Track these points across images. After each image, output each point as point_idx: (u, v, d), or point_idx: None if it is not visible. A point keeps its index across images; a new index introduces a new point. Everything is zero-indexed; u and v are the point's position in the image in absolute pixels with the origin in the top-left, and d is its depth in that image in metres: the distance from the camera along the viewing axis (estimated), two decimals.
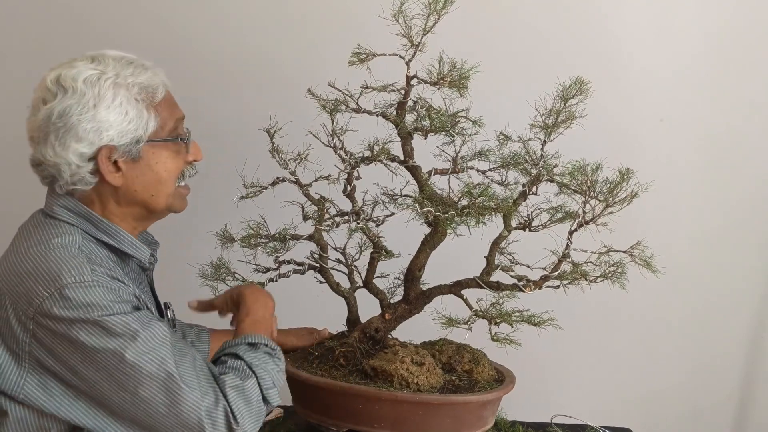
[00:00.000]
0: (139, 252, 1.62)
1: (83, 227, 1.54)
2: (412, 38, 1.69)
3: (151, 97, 1.55)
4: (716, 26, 2.58)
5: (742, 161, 2.65)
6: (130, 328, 1.40)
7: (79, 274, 1.42)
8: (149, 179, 1.57)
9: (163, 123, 1.57)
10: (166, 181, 1.59)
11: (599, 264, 1.74)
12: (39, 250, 1.46)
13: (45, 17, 2.60)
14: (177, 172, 1.61)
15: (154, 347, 1.41)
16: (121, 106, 1.52)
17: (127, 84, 1.53)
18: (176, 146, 1.60)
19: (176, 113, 1.61)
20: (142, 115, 1.54)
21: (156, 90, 1.56)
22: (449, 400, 1.67)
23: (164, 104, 1.58)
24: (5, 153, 2.64)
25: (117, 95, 1.52)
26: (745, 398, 2.80)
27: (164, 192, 1.59)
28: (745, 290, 2.73)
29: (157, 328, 1.43)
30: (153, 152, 1.57)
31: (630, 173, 1.66)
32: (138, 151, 1.55)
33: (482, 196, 1.68)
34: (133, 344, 1.39)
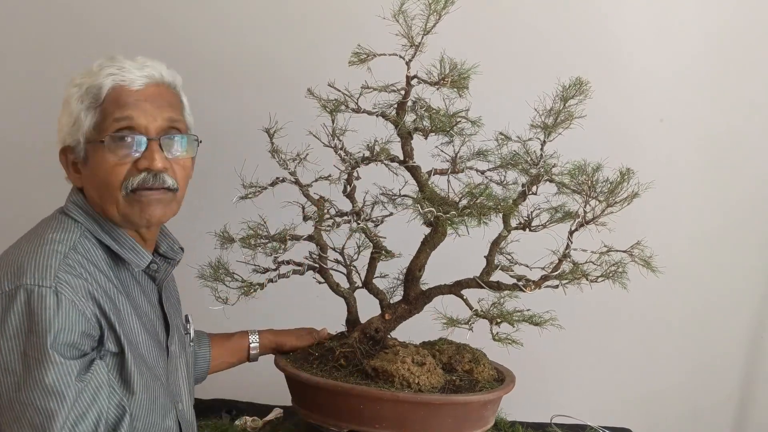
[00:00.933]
0: (138, 258, 1.59)
1: (89, 226, 1.55)
2: (412, 38, 1.69)
3: (95, 97, 1.53)
4: (716, 26, 2.58)
5: (742, 161, 2.65)
6: (45, 370, 1.35)
7: (41, 277, 1.39)
8: (94, 182, 1.55)
9: (100, 123, 1.52)
10: (105, 185, 1.52)
11: (599, 264, 1.74)
12: (27, 243, 1.48)
13: (45, 17, 2.60)
14: (119, 177, 1.51)
15: (49, 401, 1.35)
16: (69, 107, 1.55)
17: (78, 84, 1.54)
18: (116, 148, 1.51)
19: (121, 113, 1.52)
20: (81, 115, 1.53)
21: (100, 89, 1.52)
22: (450, 400, 1.67)
23: (112, 104, 1.52)
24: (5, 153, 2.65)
25: (70, 97, 1.55)
26: (745, 398, 2.80)
27: (109, 198, 1.53)
28: (745, 290, 2.73)
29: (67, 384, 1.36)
30: (93, 153, 1.54)
31: (630, 173, 1.66)
32: (83, 152, 1.54)
33: (483, 196, 1.68)
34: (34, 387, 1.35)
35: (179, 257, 1.74)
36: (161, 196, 1.55)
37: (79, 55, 2.52)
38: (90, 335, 1.43)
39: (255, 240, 1.85)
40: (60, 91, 1.58)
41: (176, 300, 1.83)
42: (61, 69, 2.54)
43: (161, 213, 1.56)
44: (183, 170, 1.60)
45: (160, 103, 1.56)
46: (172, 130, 1.57)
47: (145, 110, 1.53)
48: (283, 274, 1.88)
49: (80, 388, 1.38)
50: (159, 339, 1.64)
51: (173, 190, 1.57)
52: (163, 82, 1.59)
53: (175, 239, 1.76)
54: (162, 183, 1.54)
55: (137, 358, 1.52)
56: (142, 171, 1.52)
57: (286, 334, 1.98)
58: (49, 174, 2.55)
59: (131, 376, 1.49)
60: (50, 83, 2.55)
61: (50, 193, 1.61)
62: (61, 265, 1.43)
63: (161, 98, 1.57)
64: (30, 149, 2.60)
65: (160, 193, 1.55)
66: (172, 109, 1.58)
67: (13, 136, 2.63)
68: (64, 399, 1.36)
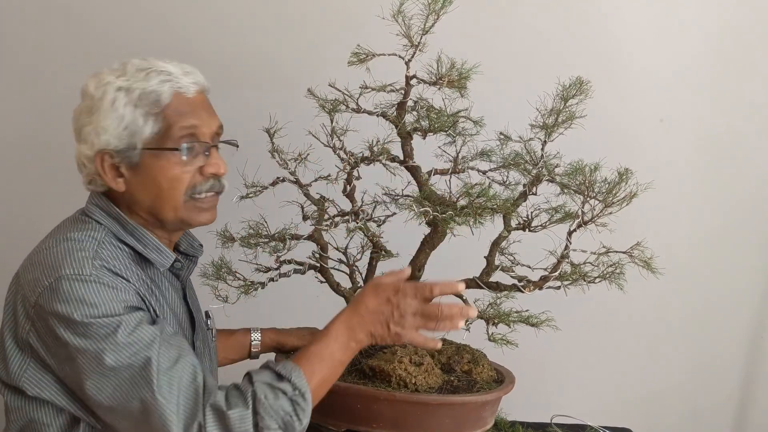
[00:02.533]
0: (162, 257, 1.60)
1: (112, 227, 1.56)
2: (411, 38, 1.69)
3: (152, 104, 1.52)
4: (716, 26, 2.58)
5: (742, 161, 2.65)
6: (114, 331, 1.37)
7: (80, 267, 1.42)
8: (150, 187, 1.55)
9: (165, 130, 1.53)
10: (168, 191, 1.54)
11: (597, 264, 1.74)
12: (54, 243, 1.49)
13: (45, 17, 2.60)
14: (184, 183, 1.55)
15: (136, 351, 1.37)
16: (116, 111, 1.53)
17: (128, 89, 1.53)
18: (186, 155, 1.54)
19: (187, 121, 1.54)
20: (137, 121, 1.52)
21: (160, 96, 1.52)
22: (447, 401, 1.67)
23: (173, 111, 1.54)
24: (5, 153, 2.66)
25: (117, 100, 1.53)
26: (745, 398, 2.80)
27: (169, 203, 1.55)
28: (745, 290, 2.73)
29: (145, 332, 1.39)
30: (153, 160, 1.54)
31: (629, 173, 1.66)
32: (136, 157, 1.54)
33: (481, 196, 1.68)
34: (114, 348, 1.37)
35: (200, 253, 1.77)
36: (216, 199, 1.62)
37: (79, 55, 2.54)
38: (138, 308, 1.45)
39: (255, 239, 1.85)
40: (59, 91, 1.59)
41: (196, 297, 1.85)
42: (61, 69, 2.57)
43: (213, 216, 1.62)
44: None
45: (210, 110, 1.61)
46: (219, 135, 1.63)
47: (203, 118, 1.57)
48: (284, 273, 1.88)
49: (159, 330, 1.41)
50: (186, 335, 1.66)
51: (221, 192, 1.63)
52: (206, 88, 1.63)
53: (194, 236, 1.77)
54: (222, 188, 1.61)
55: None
56: (209, 177, 1.57)
57: (287, 334, 1.98)
58: (49, 174, 2.56)
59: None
60: (50, 83, 2.58)
61: (50, 193, 1.62)
62: (95, 255, 1.45)
63: (208, 105, 1.62)
64: (30, 149, 2.61)
65: (216, 198, 1.61)
66: (215, 114, 1.63)
67: (14, 136, 2.64)
68: (150, 343, 1.38)
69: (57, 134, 1.94)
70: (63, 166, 1.80)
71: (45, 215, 1.64)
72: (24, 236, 1.70)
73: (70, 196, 1.70)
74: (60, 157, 1.90)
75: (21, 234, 1.58)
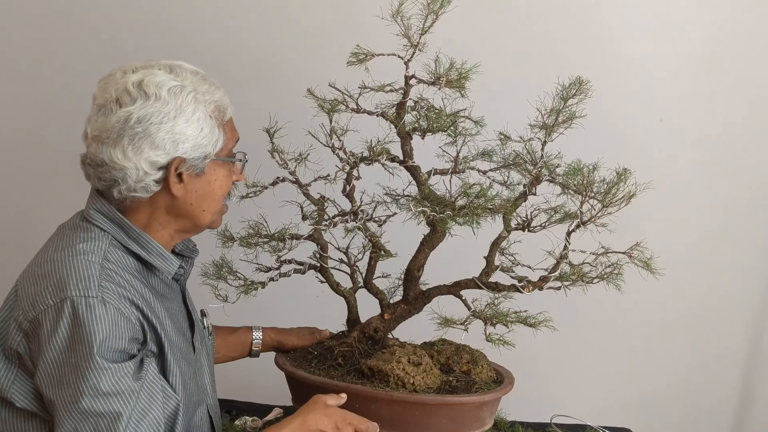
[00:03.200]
0: (167, 264, 1.60)
1: (115, 234, 1.54)
2: (410, 38, 1.69)
3: (221, 116, 1.59)
4: (715, 26, 2.57)
5: (742, 161, 2.64)
6: (100, 374, 1.37)
7: (86, 288, 1.41)
8: (205, 194, 1.59)
9: (226, 142, 1.60)
10: (218, 198, 1.62)
11: (596, 265, 1.74)
12: (60, 255, 1.47)
13: (45, 17, 2.60)
14: (227, 191, 1.65)
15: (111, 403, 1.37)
16: (198, 122, 1.54)
17: (205, 100, 1.56)
18: (231, 166, 1.64)
19: (236, 135, 1.65)
20: (214, 132, 1.56)
21: (226, 109, 1.60)
22: (445, 401, 1.66)
23: (229, 124, 1.62)
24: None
25: (197, 110, 1.54)
26: (745, 398, 2.80)
27: (213, 208, 1.62)
28: (745, 290, 2.73)
29: (126, 386, 1.38)
30: (215, 169, 1.59)
31: (627, 173, 1.66)
32: (203, 166, 1.57)
33: (479, 196, 1.68)
34: (93, 395, 1.36)
35: (195, 255, 1.77)
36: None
37: (79, 55, 2.55)
38: (136, 339, 1.45)
39: (255, 239, 1.86)
40: (59, 91, 1.59)
41: (190, 297, 1.85)
42: (62, 69, 2.57)
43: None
44: None
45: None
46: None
47: (236, 132, 1.67)
48: (285, 273, 1.89)
49: (139, 387, 1.40)
50: (186, 336, 1.67)
51: None
52: None
53: (189, 238, 1.77)
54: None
55: (176, 357, 1.55)
56: (234, 185, 1.69)
57: (288, 333, 1.99)
58: (49, 174, 2.57)
59: (171, 376, 1.52)
60: (50, 83, 2.58)
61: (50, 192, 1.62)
62: (101, 274, 1.44)
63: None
64: (32, 149, 2.61)
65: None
66: None
67: (14, 135, 2.64)
68: (127, 398, 1.38)
69: (56, 134, 1.95)
70: (63, 165, 1.81)
71: (45, 214, 1.64)
72: (23, 236, 1.70)
73: (69, 196, 1.71)
74: (60, 157, 1.90)
75: (21, 234, 1.58)
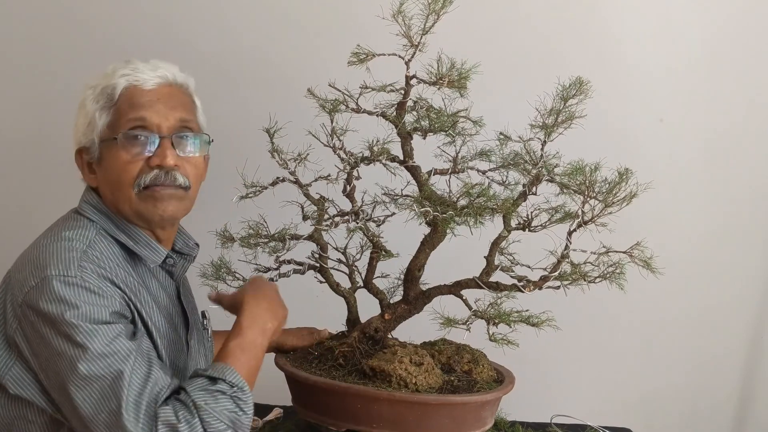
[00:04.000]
0: (153, 253, 1.60)
1: (103, 224, 1.56)
2: (411, 38, 1.69)
3: (109, 97, 1.56)
4: (716, 26, 2.57)
5: (742, 161, 2.65)
6: (91, 338, 1.37)
7: (65, 267, 1.42)
8: (108, 180, 1.57)
9: (114, 122, 1.55)
10: (117, 183, 1.55)
11: (597, 264, 1.74)
12: (45, 241, 1.49)
13: (45, 17, 2.60)
14: (130, 174, 1.54)
15: (110, 364, 1.36)
16: (83, 109, 1.58)
17: (93, 86, 1.57)
18: (129, 145, 1.53)
19: (135, 113, 1.54)
20: (95, 116, 1.55)
21: (114, 89, 1.55)
22: (447, 401, 1.66)
23: (125, 103, 1.55)
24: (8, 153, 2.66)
25: (86, 98, 1.58)
26: (745, 398, 2.80)
27: (122, 196, 1.55)
28: (745, 290, 2.73)
29: (121, 345, 1.39)
30: (107, 152, 1.56)
31: (629, 173, 1.66)
32: (98, 151, 1.57)
33: (481, 196, 1.68)
34: (89, 358, 1.36)
35: (195, 253, 1.76)
36: (174, 192, 1.57)
37: (79, 55, 2.54)
38: (122, 315, 1.45)
39: (255, 239, 1.85)
40: (60, 91, 1.59)
41: (192, 296, 1.85)
42: (62, 69, 2.57)
43: (174, 209, 1.58)
44: (195, 169, 1.62)
45: (172, 103, 1.58)
46: (185, 129, 1.59)
47: (157, 110, 1.56)
48: (284, 273, 1.88)
49: (136, 347, 1.40)
50: (179, 333, 1.66)
51: (185, 188, 1.59)
52: (176, 83, 1.62)
53: (189, 235, 1.77)
54: (173, 180, 1.56)
55: (163, 344, 1.55)
56: (153, 168, 1.54)
57: (287, 334, 1.98)
58: (49, 173, 2.56)
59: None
60: (50, 83, 2.58)
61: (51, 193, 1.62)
62: (81, 258, 1.45)
63: (174, 98, 1.59)
64: (33, 149, 2.61)
65: (173, 189, 1.57)
66: (184, 109, 1.60)
67: (14, 135, 2.64)
68: (125, 357, 1.38)
69: (57, 134, 1.94)
70: (63, 165, 1.80)
71: (45, 215, 1.64)
72: (24, 236, 1.70)
73: (69, 195, 1.70)
74: (60, 157, 1.90)
75: (21, 234, 1.58)
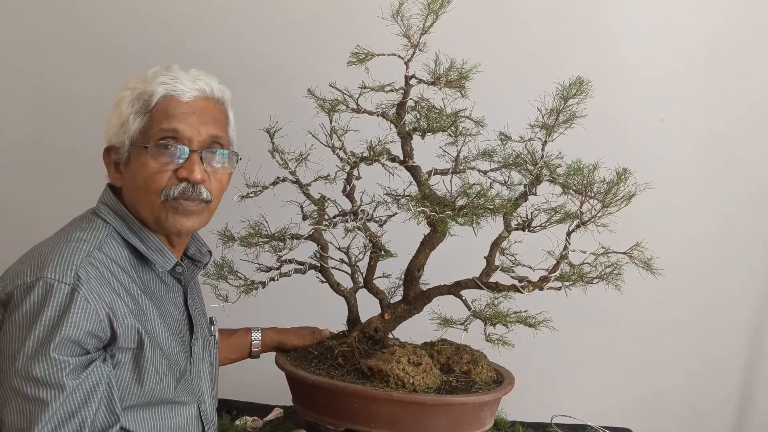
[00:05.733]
0: (164, 259, 1.60)
1: (117, 227, 1.57)
2: (410, 38, 1.69)
3: (145, 103, 1.56)
4: (716, 26, 2.57)
5: (742, 161, 2.64)
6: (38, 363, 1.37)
7: (62, 272, 1.42)
8: (134, 184, 1.57)
9: (147, 129, 1.55)
10: (143, 189, 1.55)
11: (596, 265, 1.74)
12: (55, 241, 1.51)
13: (46, 17, 2.60)
14: (158, 183, 1.54)
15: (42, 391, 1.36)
16: (118, 109, 1.58)
17: (131, 88, 1.58)
18: (158, 155, 1.54)
19: (169, 123, 1.55)
20: (130, 118, 1.56)
21: (152, 96, 1.55)
22: (445, 401, 1.67)
23: (161, 112, 1.56)
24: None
25: (122, 99, 1.58)
26: (745, 398, 2.80)
27: (145, 202, 1.56)
28: (745, 290, 2.73)
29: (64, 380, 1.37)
30: (136, 157, 1.56)
31: (627, 173, 1.66)
32: (127, 154, 1.57)
33: (479, 196, 1.68)
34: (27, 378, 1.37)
35: (206, 260, 1.76)
36: (196, 208, 1.58)
37: (79, 56, 2.54)
38: (97, 336, 1.44)
39: (255, 239, 1.86)
40: (60, 92, 1.59)
41: (201, 302, 1.85)
42: (62, 69, 2.57)
43: (192, 224, 1.60)
44: (219, 183, 1.63)
45: (206, 117, 1.59)
46: (215, 144, 1.61)
47: (191, 123, 1.56)
48: (285, 273, 1.89)
49: (74, 386, 1.40)
50: (183, 339, 1.66)
51: (207, 202, 1.60)
52: (213, 97, 1.62)
53: (203, 242, 1.77)
54: (198, 194, 1.57)
55: (154, 353, 1.53)
56: (181, 180, 1.55)
57: (287, 333, 1.99)
58: (50, 174, 2.57)
59: (145, 372, 1.51)
60: (50, 84, 2.58)
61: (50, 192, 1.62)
62: (83, 262, 1.45)
63: (208, 113, 1.60)
64: (32, 149, 2.61)
65: (196, 204, 1.58)
66: (216, 124, 1.61)
67: (14, 135, 2.64)
68: (57, 393, 1.38)
69: (57, 134, 1.95)
70: (63, 165, 1.81)
71: (45, 215, 1.65)
72: (24, 236, 1.71)
73: (70, 195, 1.71)
74: (60, 157, 1.91)
75: (21, 234, 1.58)
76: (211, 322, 1.83)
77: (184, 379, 1.63)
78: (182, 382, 1.62)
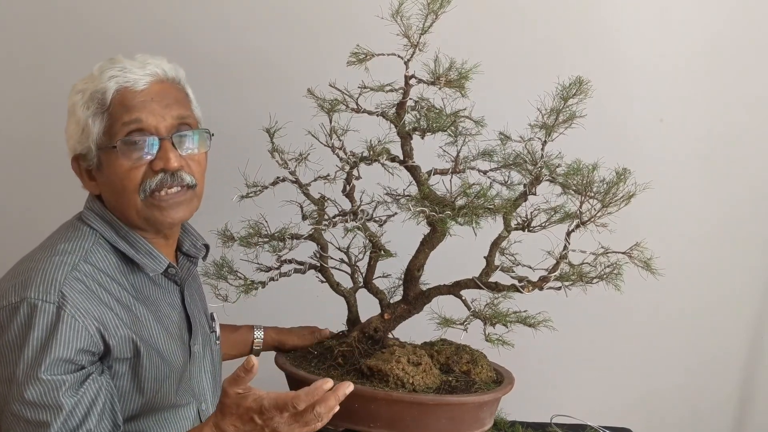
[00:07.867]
0: (155, 262, 1.57)
1: (104, 232, 1.54)
2: (410, 38, 1.69)
3: (100, 102, 1.50)
4: (716, 26, 2.57)
5: (742, 161, 2.64)
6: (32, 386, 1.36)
7: (45, 291, 1.39)
8: (111, 188, 1.53)
9: (109, 128, 1.50)
10: (121, 190, 1.51)
11: (595, 265, 1.74)
12: (40, 255, 1.48)
13: (46, 17, 2.60)
14: (134, 181, 1.50)
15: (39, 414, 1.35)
16: (74, 116, 1.53)
17: (81, 91, 1.52)
18: (128, 152, 1.49)
19: (129, 116, 1.49)
20: (88, 122, 1.50)
21: (105, 93, 1.50)
22: (445, 401, 1.66)
23: (118, 107, 1.50)
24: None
25: (74, 105, 1.53)
26: (745, 398, 2.80)
27: (127, 202, 1.51)
28: (745, 290, 2.73)
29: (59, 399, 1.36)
30: (107, 159, 1.51)
31: (627, 173, 1.66)
32: (97, 159, 1.52)
33: (479, 196, 1.68)
34: (24, 401, 1.36)
35: (202, 254, 1.74)
36: (182, 197, 1.55)
37: (79, 55, 2.54)
38: (89, 351, 1.42)
39: (255, 239, 1.86)
40: (60, 92, 1.59)
41: (201, 298, 1.83)
42: (62, 70, 2.57)
43: (183, 214, 1.57)
44: (198, 165, 1.59)
45: (167, 100, 1.54)
46: (183, 126, 1.56)
47: (152, 110, 1.51)
48: (285, 272, 1.89)
49: (73, 403, 1.38)
50: (183, 340, 1.65)
51: (192, 187, 1.56)
52: (167, 78, 1.57)
53: (198, 235, 1.74)
54: (181, 181, 1.53)
55: (152, 359, 1.52)
56: (158, 172, 1.51)
57: (288, 333, 1.99)
58: (51, 173, 2.57)
59: (144, 381, 1.50)
60: (50, 84, 2.58)
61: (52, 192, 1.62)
62: (66, 278, 1.42)
63: (167, 95, 1.55)
64: (32, 149, 2.61)
65: (181, 194, 1.54)
66: (179, 105, 1.57)
67: (14, 135, 2.64)
68: (56, 412, 1.36)
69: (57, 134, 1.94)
70: (63, 166, 1.81)
71: (45, 215, 1.65)
72: (24, 236, 1.71)
73: (70, 196, 1.71)
74: (60, 157, 1.91)
75: (21, 234, 1.58)
76: (211, 317, 1.82)
77: (184, 379, 1.62)
78: (182, 383, 1.62)
